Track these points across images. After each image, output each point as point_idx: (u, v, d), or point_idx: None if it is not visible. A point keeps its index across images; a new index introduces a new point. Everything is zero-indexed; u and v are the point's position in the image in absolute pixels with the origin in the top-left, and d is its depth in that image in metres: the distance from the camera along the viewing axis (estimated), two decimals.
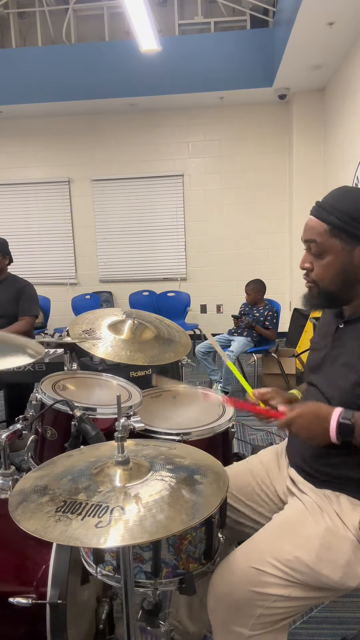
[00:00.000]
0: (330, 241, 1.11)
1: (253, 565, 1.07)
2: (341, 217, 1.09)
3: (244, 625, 1.06)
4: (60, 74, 5.46)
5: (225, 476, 1.00)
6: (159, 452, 1.08)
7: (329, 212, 1.11)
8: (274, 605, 1.05)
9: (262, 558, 1.07)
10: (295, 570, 1.06)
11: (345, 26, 3.95)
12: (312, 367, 1.28)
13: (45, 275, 6.49)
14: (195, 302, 6.33)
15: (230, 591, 1.07)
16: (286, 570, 1.06)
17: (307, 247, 1.17)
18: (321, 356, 1.24)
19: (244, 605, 1.06)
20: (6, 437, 1.42)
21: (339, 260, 1.12)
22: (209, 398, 1.80)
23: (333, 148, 5.21)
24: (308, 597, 1.08)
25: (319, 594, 1.10)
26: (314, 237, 1.13)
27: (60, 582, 1.09)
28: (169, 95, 5.52)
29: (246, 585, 1.06)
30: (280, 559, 1.07)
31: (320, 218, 1.12)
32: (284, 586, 1.06)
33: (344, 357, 1.15)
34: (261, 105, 5.92)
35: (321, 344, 1.27)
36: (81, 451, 1.11)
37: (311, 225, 1.14)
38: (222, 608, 1.08)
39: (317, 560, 1.06)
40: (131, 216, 6.33)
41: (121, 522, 0.81)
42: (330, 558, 1.06)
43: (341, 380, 1.13)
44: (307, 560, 1.06)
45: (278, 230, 6.19)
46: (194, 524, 0.83)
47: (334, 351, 1.20)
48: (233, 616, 1.07)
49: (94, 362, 2.75)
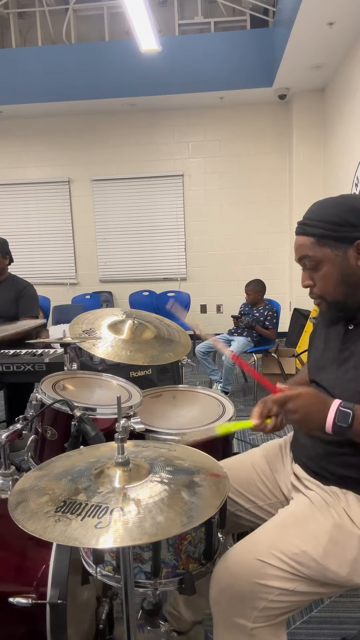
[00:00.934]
0: (321, 251, 1.13)
1: (259, 558, 1.07)
2: (324, 226, 1.12)
3: (246, 618, 1.06)
4: (60, 74, 5.46)
5: (226, 478, 1.00)
6: (159, 453, 1.08)
7: (312, 225, 1.14)
8: (277, 599, 1.06)
9: (267, 551, 1.07)
10: (301, 565, 1.06)
11: (345, 26, 3.95)
12: (317, 365, 1.27)
13: (45, 275, 6.49)
14: (195, 302, 6.33)
15: (234, 583, 1.07)
16: (292, 564, 1.06)
17: (302, 265, 1.18)
18: (328, 357, 1.23)
19: (248, 598, 1.06)
20: (6, 437, 1.42)
21: (336, 267, 1.13)
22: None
23: (333, 148, 5.21)
24: (312, 592, 1.09)
25: (324, 590, 1.10)
26: (305, 253, 1.15)
27: (60, 582, 1.10)
28: (169, 95, 5.52)
29: (250, 578, 1.06)
30: (287, 552, 1.07)
31: (305, 233, 1.15)
32: (289, 580, 1.06)
33: (356, 359, 1.15)
34: (261, 105, 5.92)
35: (326, 344, 1.26)
36: (81, 452, 1.12)
37: (299, 243, 1.17)
38: (225, 599, 1.08)
39: (325, 555, 1.06)
40: (131, 216, 6.33)
41: (120, 523, 0.81)
42: (337, 553, 1.07)
43: (354, 382, 1.12)
44: (314, 555, 1.06)
45: (278, 230, 6.19)
46: (193, 526, 0.83)
47: (344, 353, 1.19)
48: (236, 608, 1.07)
49: (94, 362, 2.76)
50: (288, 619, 1.13)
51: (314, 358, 1.31)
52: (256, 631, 1.06)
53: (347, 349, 1.18)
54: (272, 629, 1.07)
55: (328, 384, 1.20)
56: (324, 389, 1.20)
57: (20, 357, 2.47)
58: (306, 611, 1.72)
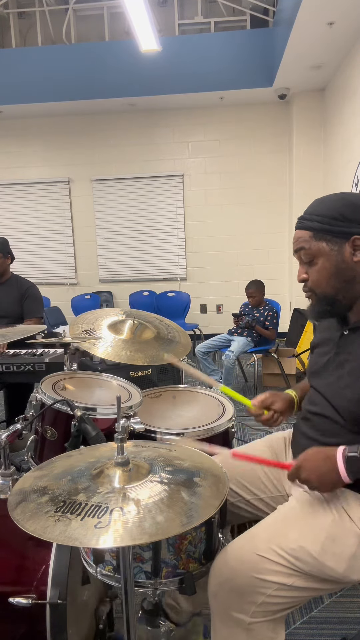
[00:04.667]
0: (317, 245, 1.14)
1: (258, 553, 1.07)
2: (322, 220, 1.13)
3: (244, 612, 1.06)
4: (60, 74, 5.46)
5: (225, 479, 1.00)
6: (158, 453, 1.08)
7: (310, 219, 1.15)
8: (276, 594, 1.06)
9: (267, 546, 1.08)
10: (299, 560, 1.06)
11: (345, 26, 3.95)
12: (314, 371, 1.28)
13: (45, 275, 6.49)
14: (195, 302, 6.33)
15: (233, 576, 1.07)
16: (290, 559, 1.06)
17: (299, 258, 1.19)
18: (324, 361, 1.24)
19: (246, 592, 1.06)
20: (6, 437, 1.41)
21: (330, 262, 1.13)
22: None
23: (333, 148, 5.21)
24: (310, 587, 1.09)
25: (322, 586, 1.10)
26: (302, 245, 1.16)
27: (60, 582, 1.10)
28: (169, 95, 5.52)
29: (249, 572, 1.06)
30: (285, 547, 1.07)
31: (304, 227, 1.16)
32: (287, 575, 1.06)
33: (350, 365, 1.15)
34: (261, 105, 5.92)
35: (323, 349, 1.26)
36: (80, 452, 1.12)
37: (297, 236, 1.18)
38: (223, 593, 1.08)
39: (322, 551, 1.06)
40: (131, 216, 6.33)
41: (120, 523, 0.81)
42: (335, 550, 1.07)
43: (349, 390, 1.13)
44: (311, 551, 1.06)
45: (278, 230, 6.20)
46: (193, 526, 0.84)
47: (339, 357, 1.19)
48: (234, 602, 1.07)
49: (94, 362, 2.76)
50: (288, 619, 1.13)
51: (310, 362, 1.32)
52: (254, 626, 1.06)
53: (342, 354, 1.19)
54: (270, 625, 1.08)
55: (324, 389, 1.21)
56: (321, 396, 1.21)
57: (20, 357, 2.47)
58: (306, 611, 1.72)
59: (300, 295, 5.91)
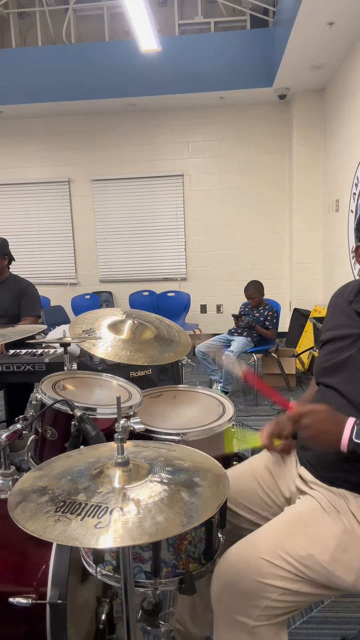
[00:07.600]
0: None
1: (263, 557, 1.06)
2: None
3: (248, 616, 1.05)
4: (60, 74, 5.46)
5: (226, 479, 0.99)
6: (158, 453, 1.08)
7: None
8: (280, 598, 1.05)
9: (273, 551, 1.07)
10: (307, 568, 1.06)
11: (345, 26, 3.95)
12: (326, 367, 1.25)
13: (45, 275, 6.49)
14: (195, 302, 6.33)
15: (238, 580, 1.06)
16: (297, 566, 1.06)
17: None
18: (341, 358, 1.22)
19: (250, 596, 1.05)
20: (6, 437, 1.41)
21: None
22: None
23: (333, 148, 5.21)
24: (316, 593, 1.08)
25: (327, 592, 1.10)
26: None
27: (60, 582, 1.09)
28: (169, 95, 5.52)
29: (254, 576, 1.05)
30: (293, 554, 1.06)
31: None
32: (293, 580, 1.06)
33: None
34: (261, 105, 5.92)
35: (338, 344, 1.24)
36: (80, 452, 1.11)
37: None
38: (227, 596, 1.07)
39: (332, 561, 1.06)
40: (131, 216, 6.33)
41: (120, 523, 0.81)
42: (345, 560, 1.06)
43: None
44: (321, 560, 1.06)
45: (278, 230, 6.19)
46: (193, 526, 0.83)
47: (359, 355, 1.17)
48: (238, 605, 1.06)
49: (94, 362, 2.76)
50: (288, 619, 1.13)
51: (323, 359, 1.29)
52: (257, 629, 1.06)
53: None
54: (273, 628, 1.07)
55: (343, 387, 1.18)
56: (338, 393, 1.19)
57: (20, 357, 2.47)
58: (306, 611, 1.72)
59: (301, 295, 5.92)
